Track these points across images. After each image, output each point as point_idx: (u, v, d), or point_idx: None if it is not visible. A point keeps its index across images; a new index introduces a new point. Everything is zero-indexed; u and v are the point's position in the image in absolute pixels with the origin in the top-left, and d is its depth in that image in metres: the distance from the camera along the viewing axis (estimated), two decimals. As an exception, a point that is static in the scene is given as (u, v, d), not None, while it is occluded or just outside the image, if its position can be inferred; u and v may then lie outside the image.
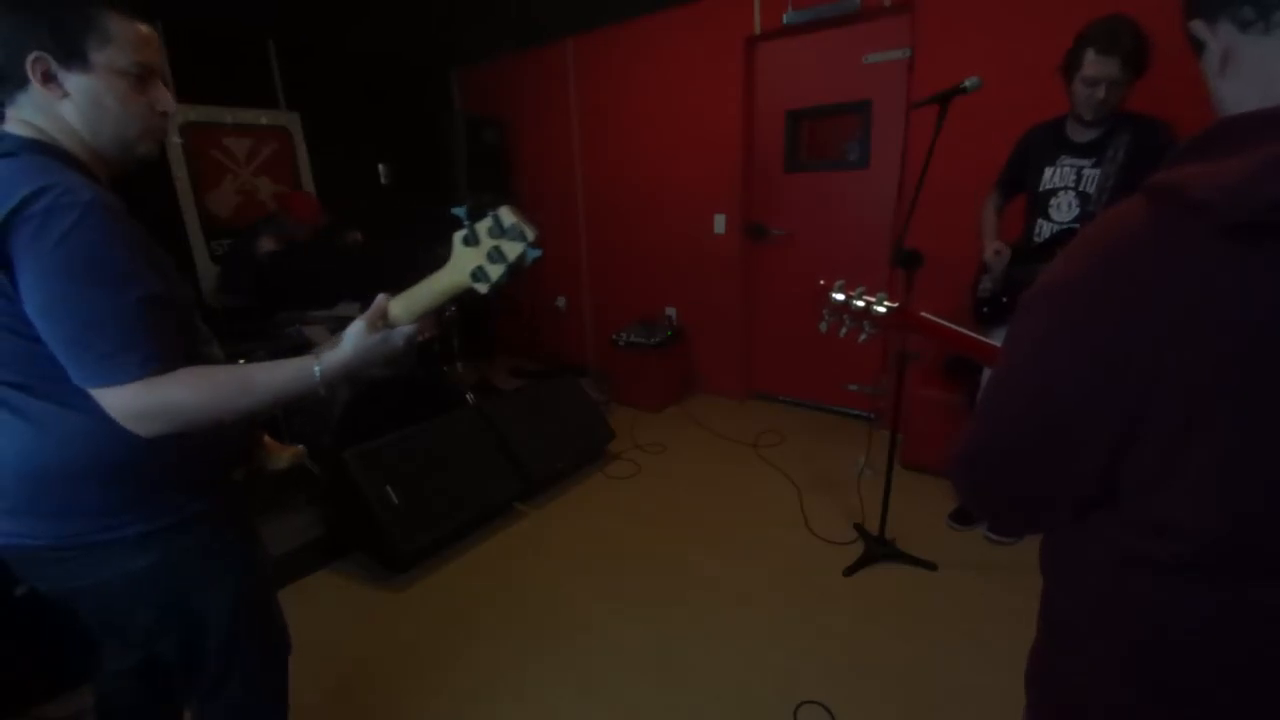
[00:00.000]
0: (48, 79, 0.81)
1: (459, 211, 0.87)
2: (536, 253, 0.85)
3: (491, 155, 4.21)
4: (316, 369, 0.86)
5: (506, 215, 0.84)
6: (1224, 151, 0.45)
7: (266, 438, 1.21)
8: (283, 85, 3.70)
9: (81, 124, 0.84)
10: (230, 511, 1.03)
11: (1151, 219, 0.47)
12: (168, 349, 0.81)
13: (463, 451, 2.52)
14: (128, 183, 0.92)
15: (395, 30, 3.75)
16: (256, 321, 2.82)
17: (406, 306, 0.90)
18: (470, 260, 0.86)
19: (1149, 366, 0.46)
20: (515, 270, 0.86)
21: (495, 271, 0.85)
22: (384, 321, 0.90)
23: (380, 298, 0.89)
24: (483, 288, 0.86)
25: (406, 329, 0.90)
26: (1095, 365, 0.50)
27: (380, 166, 3.74)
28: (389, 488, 2.20)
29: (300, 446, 1.23)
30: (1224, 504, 0.47)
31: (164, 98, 0.90)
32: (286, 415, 2.72)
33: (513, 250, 0.84)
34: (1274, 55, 0.48)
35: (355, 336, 0.87)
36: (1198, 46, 0.55)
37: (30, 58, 0.79)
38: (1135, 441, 0.49)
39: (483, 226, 0.85)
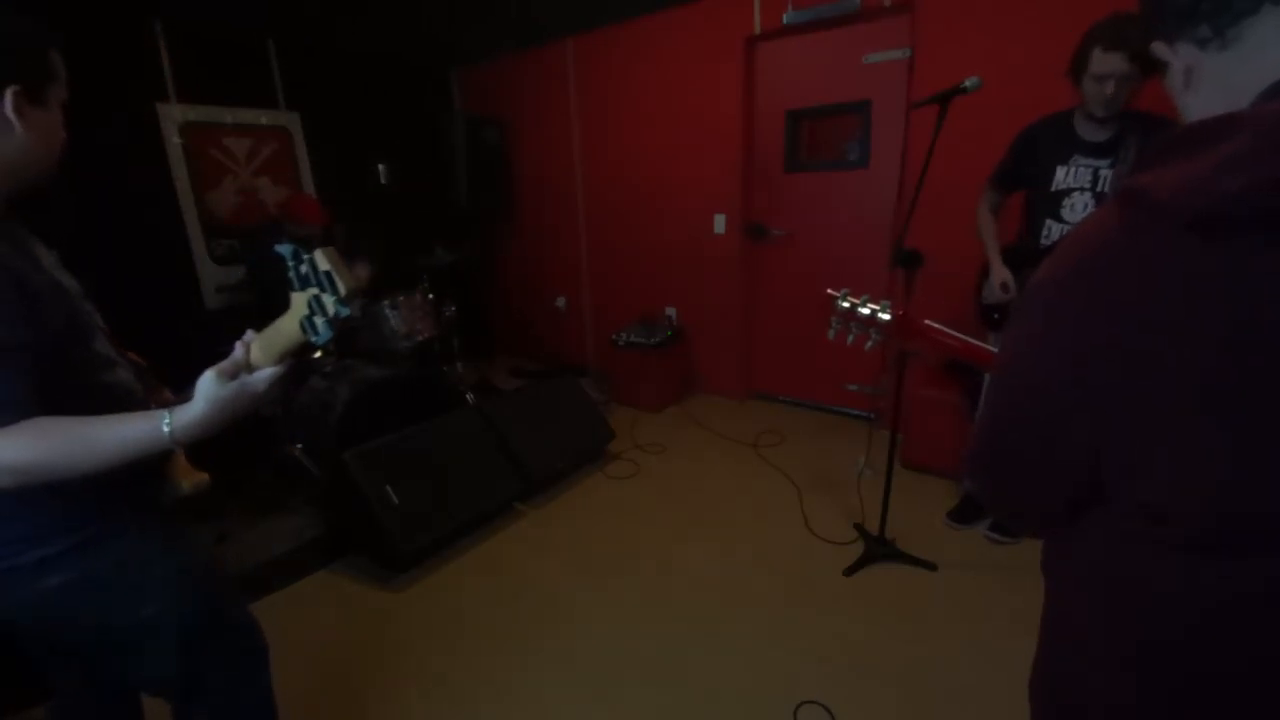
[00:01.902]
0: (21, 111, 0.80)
1: (283, 250, 0.78)
2: (345, 310, 0.74)
3: (491, 155, 4.21)
4: (166, 428, 0.79)
5: (321, 260, 0.74)
6: (1186, 154, 0.47)
7: (180, 456, 1.14)
8: (283, 85, 3.70)
9: (24, 156, 0.83)
10: (150, 524, 1.00)
11: (1124, 222, 0.50)
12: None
13: (463, 451, 2.52)
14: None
15: (395, 30, 3.75)
16: (257, 321, 2.82)
17: (264, 349, 0.83)
18: (300, 308, 0.77)
19: (1136, 361, 0.48)
20: (339, 327, 0.75)
21: (320, 325, 0.76)
22: (246, 369, 0.83)
23: (238, 347, 0.82)
24: (314, 340, 0.77)
25: (267, 371, 0.82)
26: (1086, 363, 0.51)
27: (380, 166, 3.74)
28: (389, 488, 2.20)
29: (204, 475, 1.14)
30: (1221, 488, 0.48)
31: (61, 128, 0.89)
32: (287, 417, 2.73)
33: (330, 304, 0.75)
34: (1232, 69, 0.51)
35: (206, 388, 0.80)
36: (1161, 66, 0.58)
37: (11, 90, 0.78)
38: (1128, 434, 0.51)
39: (303, 270, 0.76)
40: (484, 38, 4.04)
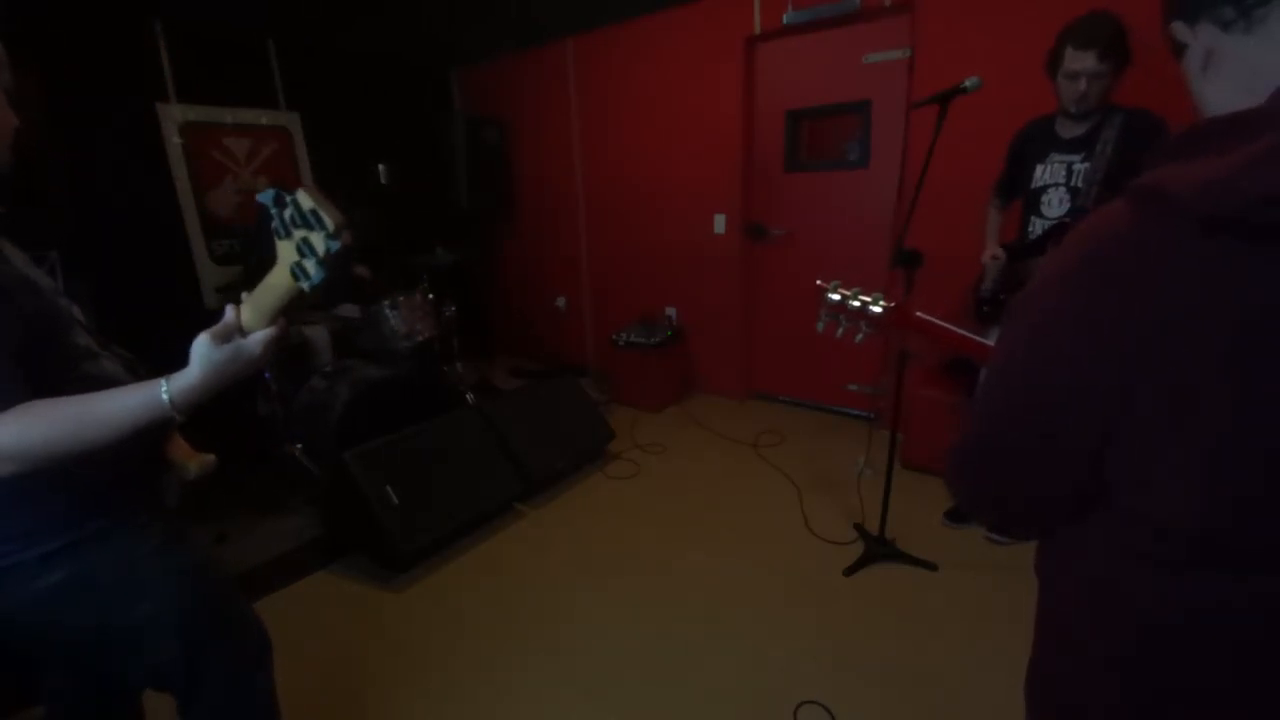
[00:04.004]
0: None
1: (264, 198, 0.77)
2: (335, 244, 0.74)
3: (491, 155, 4.21)
4: (164, 395, 0.78)
5: (304, 199, 0.74)
6: (1204, 151, 0.46)
7: (179, 441, 1.13)
8: (283, 85, 3.70)
9: None
10: (150, 521, 1.00)
11: (1136, 219, 0.48)
12: None
13: (463, 451, 2.52)
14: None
15: (395, 30, 3.75)
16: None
17: (255, 309, 0.82)
18: (288, 255, 0.77)
19: (1139, 362, 0.47)
20: (330, 265, 0.75)
21: (311, 267, 0.76)
22: (239, 332, 0.82)
23: (229, 310, 0.81)
24: (305, 285, 0.77)
25: (261, 334, 0.81)
26: (1087, 361, 0.50)
27: (380, 166, 3.74)
28: (389, 488, 2.20)
29: (210, 456, 1.12)
30: (1218, 496, 0.47)
31: (10, 112, 0.88)
32: (287, 417, 2.72)
33: (318, 242, 0.74)
34: (1256, 53, 0.49)
35: (201, 351, 0.79)
36: (1178, 49, 0.55)
37: None
38: (1127, 436, 0.50)
39: (287, 215, 0.75)
40: (484, 38, 4.04)
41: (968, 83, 1.78)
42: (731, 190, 3.49)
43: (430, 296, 3.13)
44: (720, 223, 3.58)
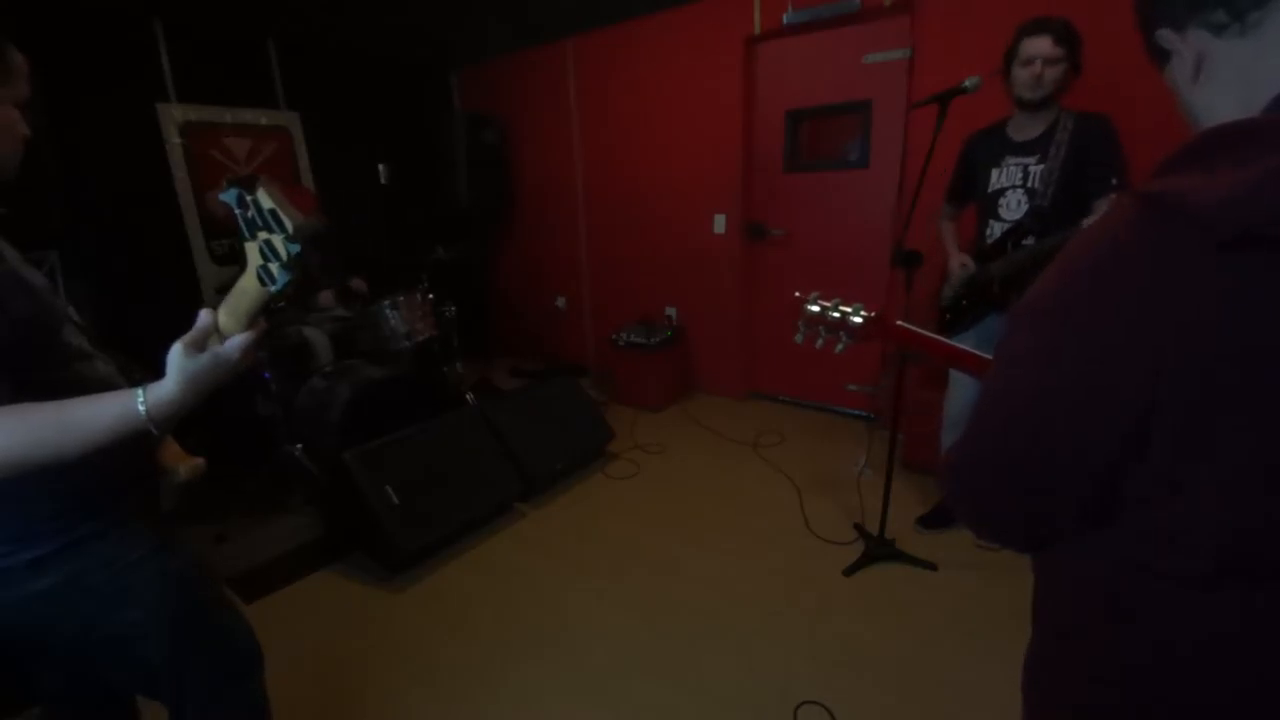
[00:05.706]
0: None
1: (227, 198, 0.74)
2: (296, 247, 0.71)
3: (491, 155, 4.21)
4: (140, 406, 0.73)
5: (264, 199, 0.71)
6: (1218, 162, 0.44)
7: (171, 444, 1.10)
8: (283, 85, 3.71)
9: None
10: (138, 527, 0.98)
11: (1148, 227, 0.46)
12: None
13: (463, 451, 2.52)
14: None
15: (395, 30, 3.75)
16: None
17: (231, 313, 0.78)
18: (254, 258, 0.73)
19: (1153, 373, 0.45)
20: (295, 268, 0.72)
21: (275, 270, 0.72)
22: (216, 338, 0.78)
23: (202, 314, 0.77)
24: (272, 289, 0.74)
25: (239, 339, 0.77)
26: (1099, 370, 0.48)
27: (380, 166, 3.74)
28: (389, 488, 2.20)
29: (200, 460, 1.09)
30: (1236, 512, 0.46)
31: (23, 125, 0.87)
32: (287, 417, 2.72)
33: (279, 245, 0.71)
34: (1252, 58, 0.47)
35: (177, 361, 0.74)
36: (1162, 57, 0.54)
37: None
38: (1142, 449, 0.48)
39: (250, 216, 0.72)
40: (484, 38, 4.04)
41: (968, 83, 1.79)
42: (731, 190, 3.49)
43: (430, 296, 3.13)
44: (720, 223, 3.58)
